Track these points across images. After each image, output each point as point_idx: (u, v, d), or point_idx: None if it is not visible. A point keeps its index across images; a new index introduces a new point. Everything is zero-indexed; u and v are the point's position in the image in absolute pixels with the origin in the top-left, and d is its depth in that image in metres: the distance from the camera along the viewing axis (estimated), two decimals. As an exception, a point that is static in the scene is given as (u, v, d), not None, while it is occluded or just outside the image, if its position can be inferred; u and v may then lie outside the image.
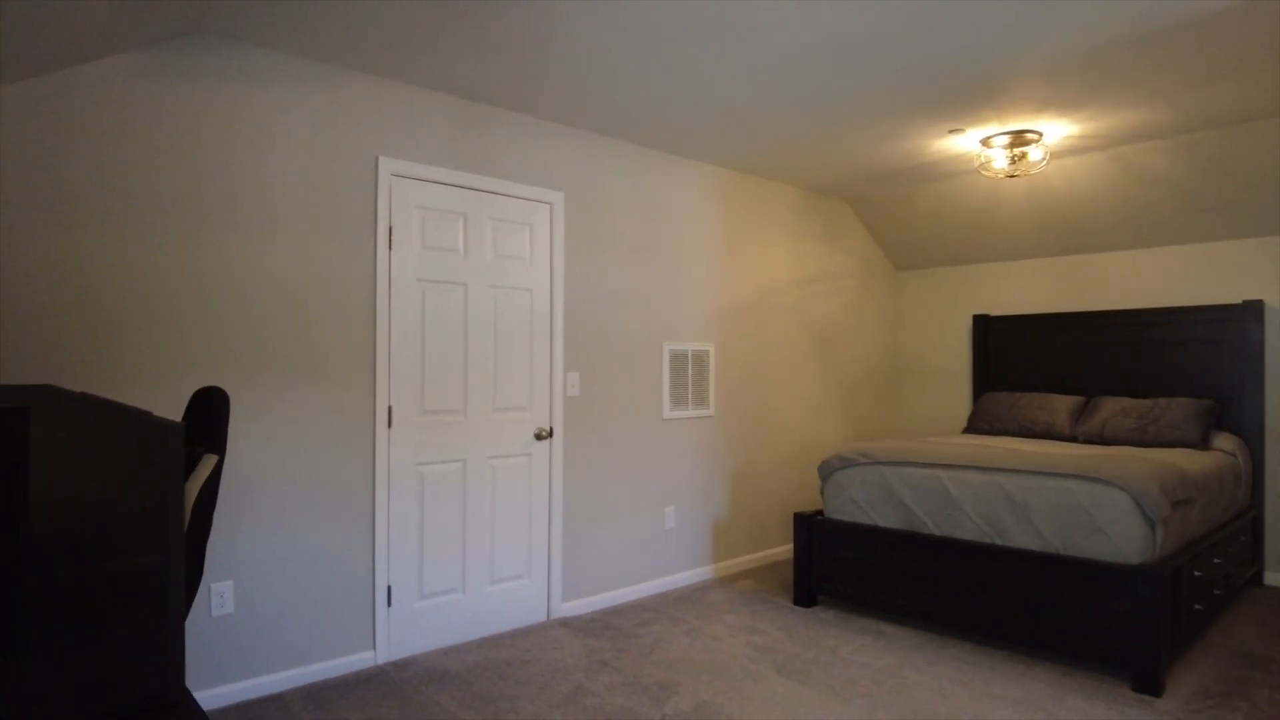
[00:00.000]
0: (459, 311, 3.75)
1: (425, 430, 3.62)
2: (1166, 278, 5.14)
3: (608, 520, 4.34)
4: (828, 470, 4.31)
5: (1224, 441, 4.55)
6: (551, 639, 3.78)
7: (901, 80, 3.50)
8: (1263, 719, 2.91)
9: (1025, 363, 5.68)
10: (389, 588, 3.50)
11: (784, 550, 5.44)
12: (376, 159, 3.45)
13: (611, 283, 4.38)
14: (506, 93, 3.66)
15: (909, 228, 5.97)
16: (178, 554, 1.32)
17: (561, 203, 4.12)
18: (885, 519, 4.04)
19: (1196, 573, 3.54)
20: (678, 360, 4.71)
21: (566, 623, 4.02)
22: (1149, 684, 3.12)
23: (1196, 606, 3.54)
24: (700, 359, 4.84)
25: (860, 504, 4.14)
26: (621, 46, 3.13)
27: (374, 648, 3.45)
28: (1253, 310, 4.70)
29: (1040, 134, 4.22)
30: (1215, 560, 3.78)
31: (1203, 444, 4.46)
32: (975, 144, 4.43)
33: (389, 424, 3.50)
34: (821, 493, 4.37)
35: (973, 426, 5.49)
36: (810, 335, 5.67)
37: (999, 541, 3.61)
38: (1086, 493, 3.38)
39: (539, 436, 4.03)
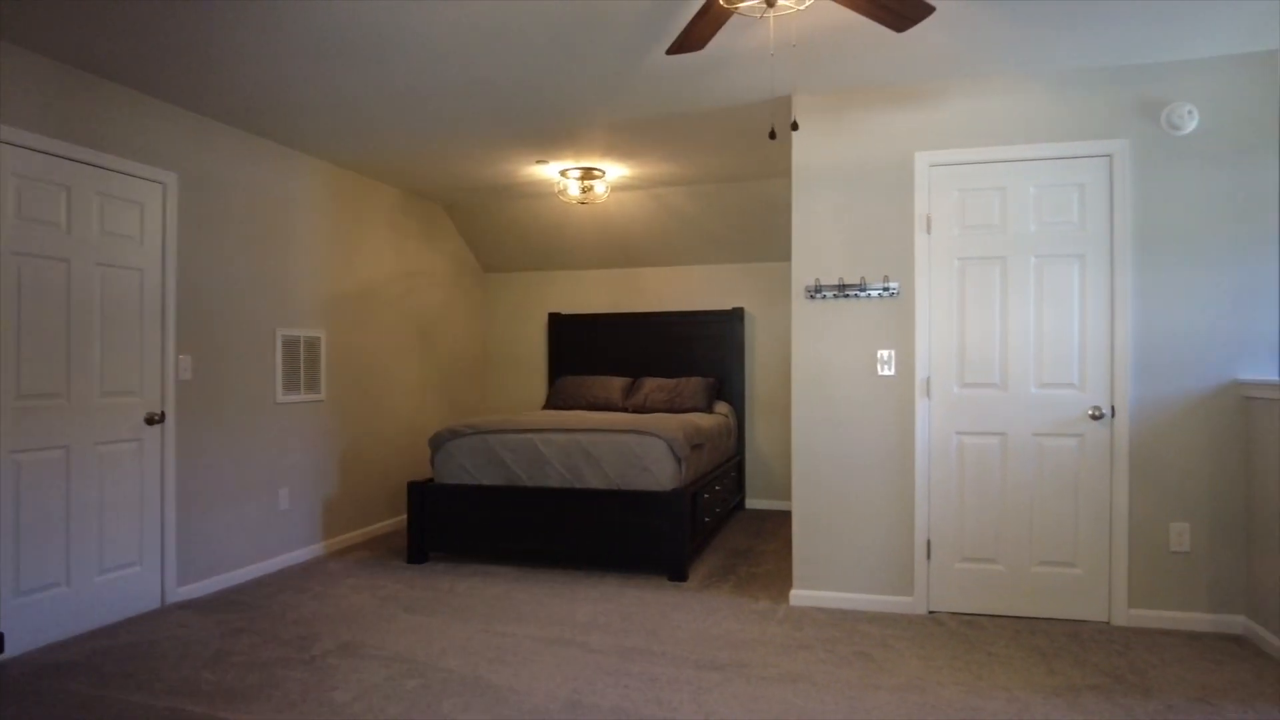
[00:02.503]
0: (61, 289, 3.56)
1: (22, 416, 3.39)
2: (687, 289, 6.81)
3: (223, 503, 4.40)
4: (439, 441, 4.94)
5: (721, 407, 6.28)
6: (174, 620, 3.80)
7: (503, 118, 4.30)
8: (741, 584, 4.34)
9: (589, 352, 6.97)
10: (-20, 585, 3.23)
11: (393, 523, 5.91)
12: (-35, 120, 3.17)
13: (226, 267, 4.44)
14: (122, 67, 3.59)
15: (497, 235, 6.87)
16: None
17: (176, 183, 4.10)
18: (489, 478, 4.81)
19: (706, 496, 4.97)
20: (290, 346, 4.91)
21: (186, 605, 4.03)
22: (679, 574, 4.38)
23: (706, 520, 4.98)
24: (312, 345, 5.09)
25: (467, 468, 4.85)
26: (265, 48, 3.39)
27: (-37, 651, 3.16)
28: (738, 315, 6.53)
29: (604, 172, 5.39)
30: (717, 488, 5.31)
31: (709, 409, 6.11)
32: (556, 174, 5.46)
33: (-22, 408, 3.23)
34: (432, 463, 4.98)
35: (550, 404, 6.58)
36: (413, 326, 6.23)
37: (578, 485, 4.62)
38: (638, 442, 4.55)
39: (150, 421, 3.97)
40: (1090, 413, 3.67)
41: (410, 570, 4.69)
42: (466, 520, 4.77)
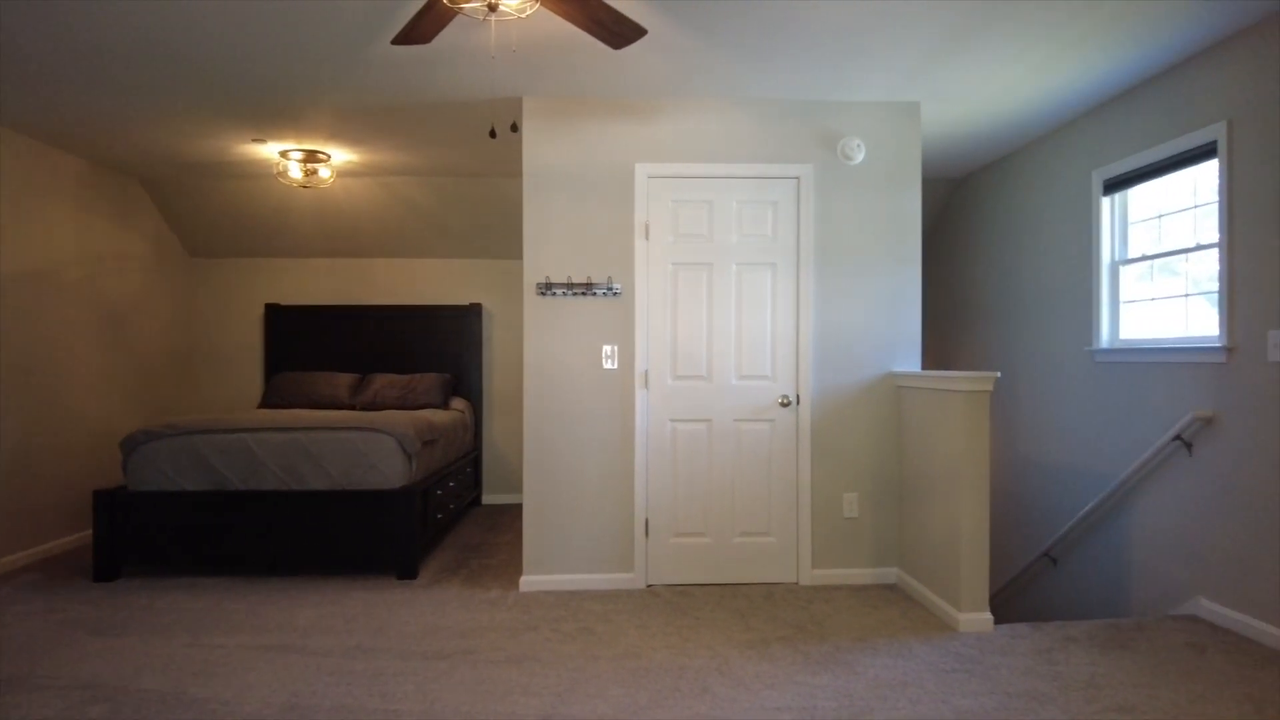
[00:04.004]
0: None
1: None
2: (422, 282, 6.69)
3: None
4: (132, 444, 4.42)
5: (458, 403, 6.27)
6: None
7: (211, 90, 3.97)
8: (472, 576, 4.40)
9: (312, 347, 6.59)
10: None
11: (76, 538, 5.18)
12: None
13: None
14: None
15: (207, 217, 6.26)
16: None
17: None
18: (194, 484, 4.40)
19: (439, 493, 4.95)
20: (-66, 337, 4.14)
21: None
22: (408, 572, 4.33)
23: (439, 517, 4.95)
24: (-35, 336, 4.32)
25: (168, 473, 4.40)
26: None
27: None
28: (475, 310, 6.55)
29: (329, 156, 5.15)
30: (451, 484, 5.30)
31: (444, 405, 6.06)
32: (275, 154, 5.11)
33: None
34: (124, 468, 4.44)
35: (267, 402, 6.14)
36: (101, 316, 5.50)
37: (297, 487, 4.38)
38: (364, 440, 4.42)
39: None
40: (780, 400, 4.20)
41: (98, 589, 4.17)
42: (168, 530, 4.33)
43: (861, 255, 4.24)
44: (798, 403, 4.22)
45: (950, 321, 6.27)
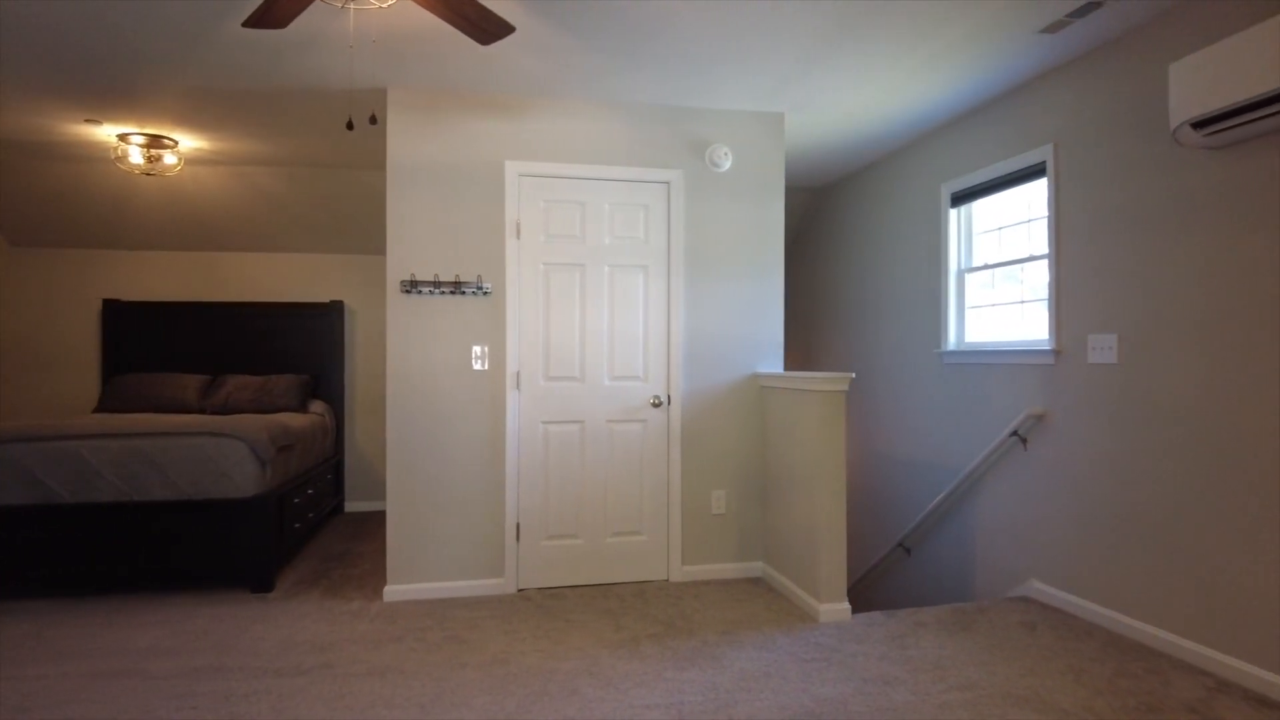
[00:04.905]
0: None
1: None
2: (279, 278, 6.34)
3: None
4: (-62, 456, 3.96)
5: (317, 406, 5.98)
6: None
7: (36, 61, 3.61)
8: (333, 587, 4.21)
9: (157, 346, 6.12)
10: None
11: None
12: None
13: None
14: None
15: (30, 203, 5.69)
16: None
17: None
18: (12, 498, 3.97)
19: (297, 500, 4.70)
20: None
21: None
22: (264, 585, 4.09)
23: (296, 526, 4.71)
24: None
25: (-18, 487, 3.96)
26: None
27: None
28: (337, 308, 6.27)
29: (176, 142, 4.79)
30: (310, 492, 5.05)
31: (302, 408, 5.77)
32: (114, 137, 4.71)
33: None
34: (-73, 482, 3.97)
35: (105, 407, 5.65)
36: (-102, 311, 4.89)
37: (138, 498, 4.05)
38: (214, 446, 4.14)
39: None
40: (652, 401, 4.25)
41: (-109, 620, 3.70)
42: (-19, 549, 3.90)
43: (728, 260, 4.35)
44: (669, 403, 4.28)
45: (813, 324, 6.55)
